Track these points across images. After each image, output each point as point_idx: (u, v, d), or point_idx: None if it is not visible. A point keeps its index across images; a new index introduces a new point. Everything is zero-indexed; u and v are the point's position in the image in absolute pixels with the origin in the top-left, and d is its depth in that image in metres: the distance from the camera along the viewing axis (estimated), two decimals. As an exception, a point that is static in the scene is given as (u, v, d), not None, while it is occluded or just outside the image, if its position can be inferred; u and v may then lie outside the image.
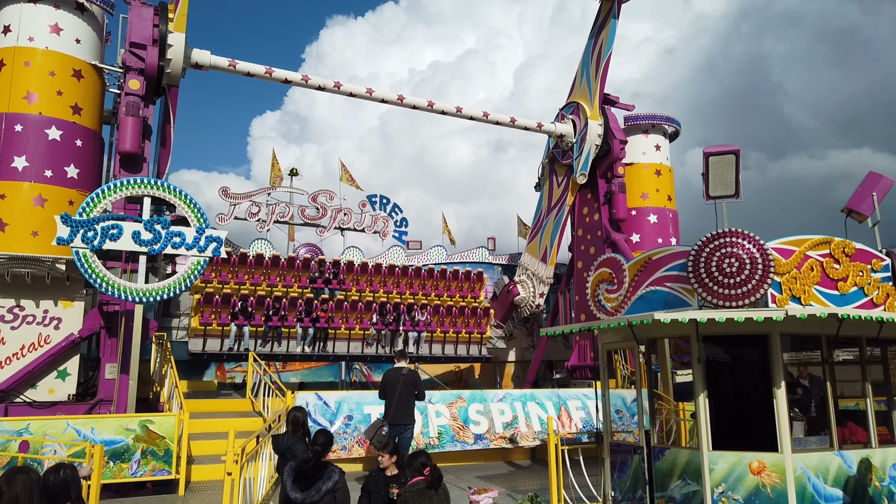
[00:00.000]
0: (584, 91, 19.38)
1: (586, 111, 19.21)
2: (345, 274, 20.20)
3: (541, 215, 21.45)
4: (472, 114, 18.73)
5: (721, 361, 9.62)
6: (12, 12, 14.37)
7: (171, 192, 11.92)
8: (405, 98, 17.63)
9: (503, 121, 19.03)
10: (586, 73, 19.19)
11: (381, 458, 6.60)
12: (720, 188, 8.56)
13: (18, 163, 13.58)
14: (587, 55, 18.79)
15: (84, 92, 14.76)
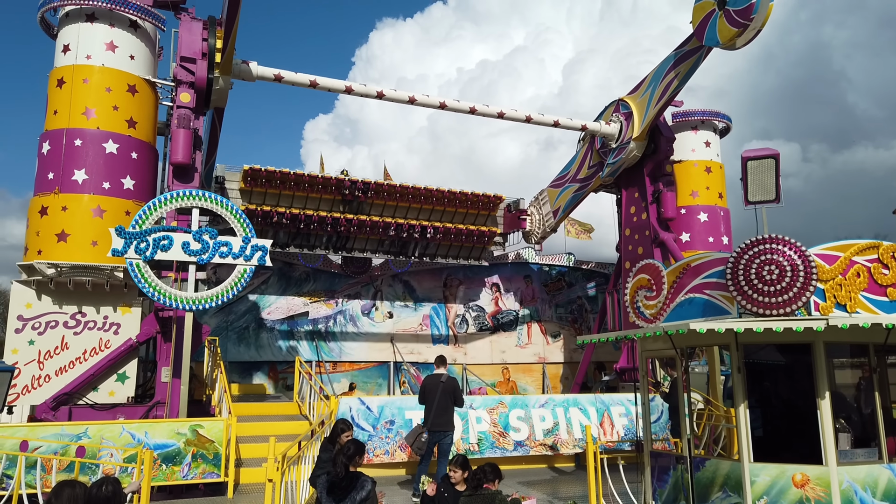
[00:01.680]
0: (642, 103, 18.48)
1: (634, 126, 18.54)
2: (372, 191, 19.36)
3: (568, 175, 21.15)
4: (515, 117, 18.65)
5: (763, 370, 9.37)
6: (70, 32, 15.12)
7: (218, 204, 12.35)
8: (447, 103, 17.68)
9: (546, 122, 18.88)
10: (652, 89, 18.00)
11: (453, 472, 6.78)
12: (760, 193, 8.34)
13: (78, 176, 14.29)
14: (661, 72, 17.43)
15: (138, 106, 15.41)
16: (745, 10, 14.38)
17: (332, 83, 17.09)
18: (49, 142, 14.55)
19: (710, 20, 15.37)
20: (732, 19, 14.71)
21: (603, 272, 24.63)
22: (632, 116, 18.56)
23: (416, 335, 21.85)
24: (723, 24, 14.99)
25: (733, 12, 14.67)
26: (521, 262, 23.88)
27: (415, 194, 19.46)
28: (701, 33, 15.72)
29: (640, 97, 18.60)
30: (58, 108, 14.70)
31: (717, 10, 15.10)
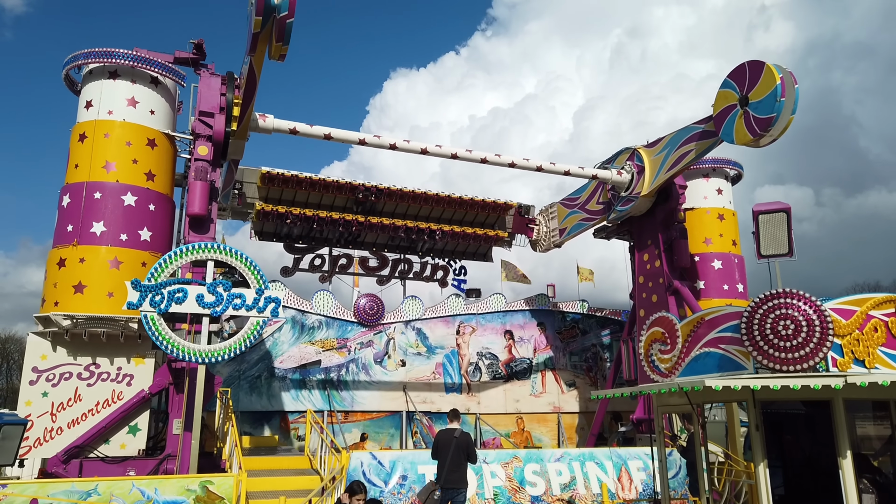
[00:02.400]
0: (655, 162, 18.34)
1: (644, 182, 18.57)
2: (385, 195, 20.38)
3: (578, 200, 21.21)
4: (526, 166, 18.83)
5: (783, 421, 9.19)
6: (94, 89, 15.59)
7: (233, 256, 12.48)
8: (458, 153, 17.90)
9: (557, 171, 19.02)
10: (668, 152, 17.72)
11: None
12: (772, 247, 8.31)
13: (97, 228, 14.54)
14: (679, 138, 17.27)
15: (157, 159, 15.76)
16: (765, 121, 13.78)
17: (346, 135, 17.39)
18: (69, 195, 14.86)
19: (730, 115, 14.74)
20: (750, 124, 14.12)
21: (617, 319, 24.44)
22: (643, 172, 18.52)
23: (429, 384, 21.66)
24: (740, 126, 14.42)
25: (753, 117, 14.08)
26: (535, 309, 23.77)
27: (426, 199, 20.30)
28: (719, 123, 15.12)
29: (654, 154, 18.49)
30: (79, 162, 15.05)
31: (738, 107, 14.44)
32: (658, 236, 19.38)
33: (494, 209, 21.39)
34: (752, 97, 14.03)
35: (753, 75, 13.97)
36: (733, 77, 14.51)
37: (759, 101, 13.82)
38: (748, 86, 14.10)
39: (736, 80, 14.42)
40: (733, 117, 14.67)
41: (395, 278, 22.54)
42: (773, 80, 13.47)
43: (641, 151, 18.72)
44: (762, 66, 13.77)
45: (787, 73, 13.65)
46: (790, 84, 13.57)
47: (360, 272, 22.15)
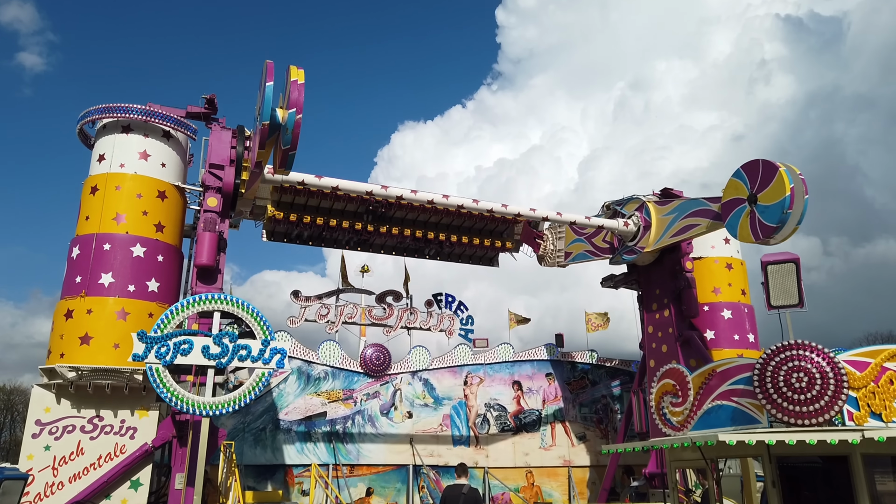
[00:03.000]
0: (663, 222, 18.09)
1: (649, 239, 18.58)
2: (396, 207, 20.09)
3: (587, 231, 20.95)
4: (533, 216, 18.93)
5: (801, 476, 8.91)
6: (107, 142, 15.89)
7: (239, 307, 12.48)
8: (465, 204, 18.01)
9: (564, 221, 19.08)
10: (675, 217, 17.79)
11: None
12: (782, 297, 8.24)
13: (105, 279, 14.59)
14: (689, 207, 17.27)
15: (167, 210, 15.92)
16: (769, 228, 13.38)
17: (354, 186, 17.56)
18: (79, 246, 14.98)
19: (738, 209, 14.32)
20: (755, 227, 13.76)
21: (627, 370, 24.10)
22: (650, 228, 18.43)
23: (436, 436, 21.29)
24: (745, 224, 14.06)
25: (759, 221, 13.69)
26: (543, 360, 23.51)
27: (435, 211, 20.28)
28: (726, 212, 14.75)
29: (663, 214, 18.34)
30: (90, 214, 15.22)
31: (746, 204, 14.04)
32: (666, 286, 19.29)
33: (504, 221, 21.39)
34: (760, 199, 13.64)
35: (766, 176, 13.55)
36: (746, 170, 14.12)
37: (766, 205, 13.42)
38: (759, 185, 13.68)
39: (748, 175, 14.01)
40: (740, 212, 14.30)
41: (402, 328, 22.43)
42: (783, 190, 13.12)
43: (651, 207, 18.63)
44: (775, 171, 13.40)
45: (798, 180, 13.31)
46: (800, 194, 13.20)
47: (367, 322, 22.06)
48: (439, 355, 22.51)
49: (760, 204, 13.61)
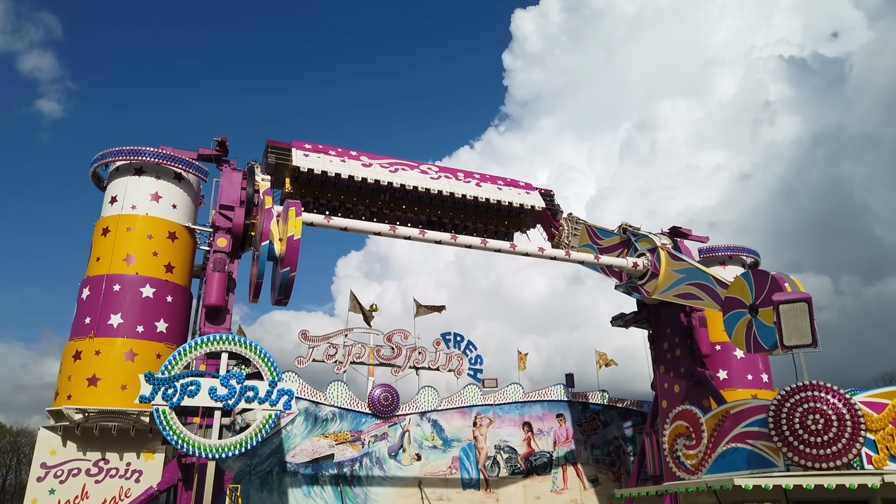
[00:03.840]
0: (670, 277, 17.41)
1: (656, 287, 18.39)
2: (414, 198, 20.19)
3: (602, 241, 20.80)
4: (554, 255, 18.97)
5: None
6: (119, 185, 16.09)
7: (247, 348, 12.44)
8: (488, 242, 18.07)
9: (574, 261, 19.13)
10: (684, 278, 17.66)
11: None
12: (795, 337, 8.12)
13: (114, 320, 14.61)
14: (698, 275, 17.16)
15: (177, 251, 16.01)
16: (759, 346, 12.67)
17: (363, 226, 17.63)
18: (89, 287, 15.05)
19: (737, 311, 14.09)
20: (748, 339, 13.24)
21: (639, 411, 23.75)
22: (657, 277, 18.37)
23: (445, 479, 20.92)
24: (740, 332, 13.75)
25: (753, 335, 13.08)
26: (554, 400, 23.20)
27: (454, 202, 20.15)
28: (727, 308, 14.57)
29: (672, 269, 18.19)
30: (100, 255, 15.33)
31: (747, 312, 13.63)
32: (676, 325, 19.13)
33: (522, 211, 21.36)
34: (761, 314, 13.03)
35: (771, 294, 12.71)
36: (756, 276, 13.70)
37: (764, 324, 12.66)
38: (763, 298, 13.01)
39: (756, 283, 13.54)
40: (739, 316, 14.00)
41: (410, 367, 22.26)
42: None
43: (663, 256, 18.46)
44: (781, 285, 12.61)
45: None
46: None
47: (375, 361, 21.92)
48: (448, 395, 22.28)
49: (759, 319, 12.97)
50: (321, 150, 19.11)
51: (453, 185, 19.72)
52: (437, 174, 20.44)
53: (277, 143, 18.84)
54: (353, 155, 19.72)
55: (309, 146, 19.10)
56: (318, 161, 18.49)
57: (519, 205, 20.78)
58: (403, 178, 19.33)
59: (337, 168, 18.46)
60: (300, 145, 18.94)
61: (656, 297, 18.34)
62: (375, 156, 20.17)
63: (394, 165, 20.09)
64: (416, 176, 19.50)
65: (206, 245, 17.13)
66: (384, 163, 19.98)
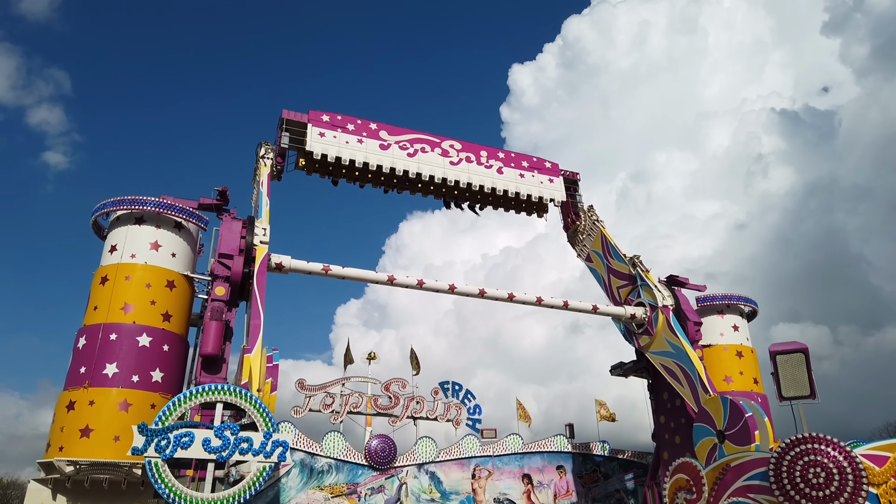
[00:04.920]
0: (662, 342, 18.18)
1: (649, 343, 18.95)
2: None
3: (611, 263, 21.03)
4: (553, 303, 19.06)
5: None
6: (119, 234, 16.19)
7: (241, 398, 12.31)
8: (486, 291, 18.16)
9: (584, 309, 19.23)
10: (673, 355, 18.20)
11: None
12: (793, 389, 8.08)
13: (109, 369, 14.50)
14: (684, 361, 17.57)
15: (175, 300, 16.00)
16: None
17: (364, 274, 17.67)
18: (86, 336, 14.98)
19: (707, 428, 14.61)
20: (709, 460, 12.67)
21: (641, 462, 23.32)
22: (651, 335, 18.71)
23: (444, 534, 20.40)
24: (703, 450, 14.21)
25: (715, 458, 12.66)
26: (554, 451, 22.82)
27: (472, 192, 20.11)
28: (699, 418, 15.23)
29: (666, 337, 18.42)
30: (98, 304, 15.31)
31: (715, 437, 14.01)
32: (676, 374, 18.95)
33: (541, 205, 21.46)
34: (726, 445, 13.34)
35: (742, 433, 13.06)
36: (732, 408, 13.93)
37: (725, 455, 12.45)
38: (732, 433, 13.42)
39: (731, 414, 13.83)
40: (706, 432, 14.53)
41: (408, 417, 21.96)
42: None
43: (661, 321, 18.70)
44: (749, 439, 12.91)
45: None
46: None
47: (372, 411, 21.64)
48: (447, 446, 21.92)
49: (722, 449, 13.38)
50: (339, 125, 18.80)
51: (472, 173, 19.51)
52: (458, 156, 20.04)
53: (294, 116, 18.52)
54: (372, 130, 19.29)
55: (327, 118, 18.86)
56: (332, 143, 18.28)
57: (538, 197, 20.73)
58: (421, 164, 19.05)
59: (351, 153, 18.31)
60: (317, 117, 18.69)
61: (646, 353, 18.52)
62: (396, 130, 19.70)
63: (414, 143, 19.70)
64: (435, 161, 19.22)
65: (205, 293, 17.16)
66: (404, 141, 19.60)
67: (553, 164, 21.90)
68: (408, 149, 19.42)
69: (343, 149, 18.36)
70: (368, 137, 19.02)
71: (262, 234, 16.43)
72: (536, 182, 20.59)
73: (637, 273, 19.62)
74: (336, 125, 18.84)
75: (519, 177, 20.65)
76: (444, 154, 19.91)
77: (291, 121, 18.67)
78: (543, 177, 21.06)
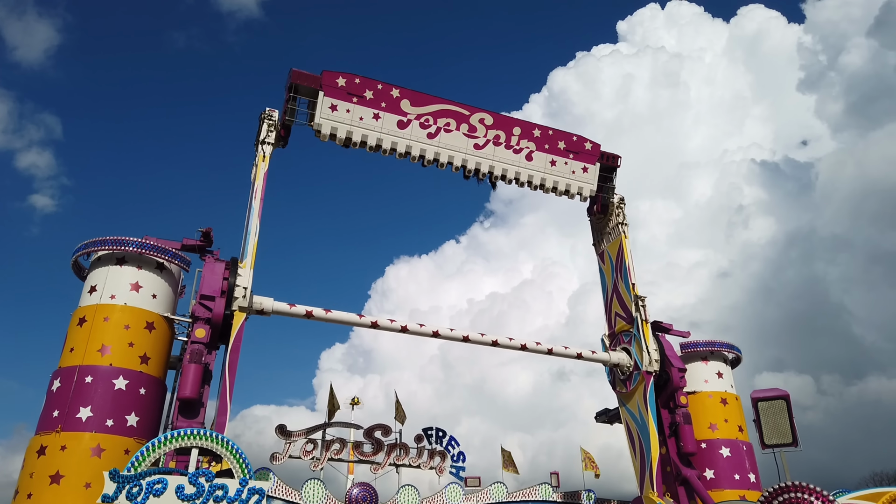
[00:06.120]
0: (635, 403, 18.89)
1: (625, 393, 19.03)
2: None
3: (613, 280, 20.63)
4: (536, 349, 18.95)
5: None
6: (100, 274, 16.02)
7: (219, 443, 12.05)
8: (470, 336, 18.05)
9: (569, 355, 19.13)
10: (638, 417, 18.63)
11: None
12: (775, 436, 8.03)
13: (83, 413, 14.15)
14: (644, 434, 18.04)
15: (154, 342, 15.76)
16: None
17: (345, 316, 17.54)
18: (60, 379, 14.67)
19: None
20: None
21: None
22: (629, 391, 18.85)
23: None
24: None
25: None
26: (539, 500, 22.34)
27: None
28: None
29: (639, 401, 18.68)
30: (74, 346, 15.04)
31: None
32: (662, 421, 18.82)
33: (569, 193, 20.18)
34: None
35: None
36: None
37: None
38: None
39: None
40: None
41: (391, 465, 21.50)
42: None
43: (640, 382, 18.94)
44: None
45: None
46: None
47: (354, 458, 21.17)
48: (430, 495, 21.41)
49: None
50: (356, 91, 16.93)
51: (496, 160, 17.92)
52: (485, 136, 18.11)
53: (304, 77, 16.59)
54: (392, 99, 17.22)
55: (342, 81, 16.90)
56: (344, 119, 16.61)
57: (565, 189, 19.22)
58: (440, 147, 17.47)
59: (363, 133, 16.70)
60: (332, 81, 16.74)
61: (620, 404, 18.55)
62: (421, 99, 17.57)
63: (438, 118, 17.73)
64: (458, 142, 17.55)
65: (185, 336, 16.90)
66: (427, 115, 17.68)
67: (595, 145, 19.93)
68: (429, 126, 17.62)
69: (355, 127, 16.73)
70: (387, 111, 17.23)
71: (242, 295, 15.91)
72: (568, 171, 19.03)
73: (637, 318, 19.44)
74: (352, 92, 16.90)
75: (549, 164, 18.99)
76: (471, 132, 18.06)
77: (302, 84, 16.79)
78: (577, 164, 19.33)
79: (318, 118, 16.72)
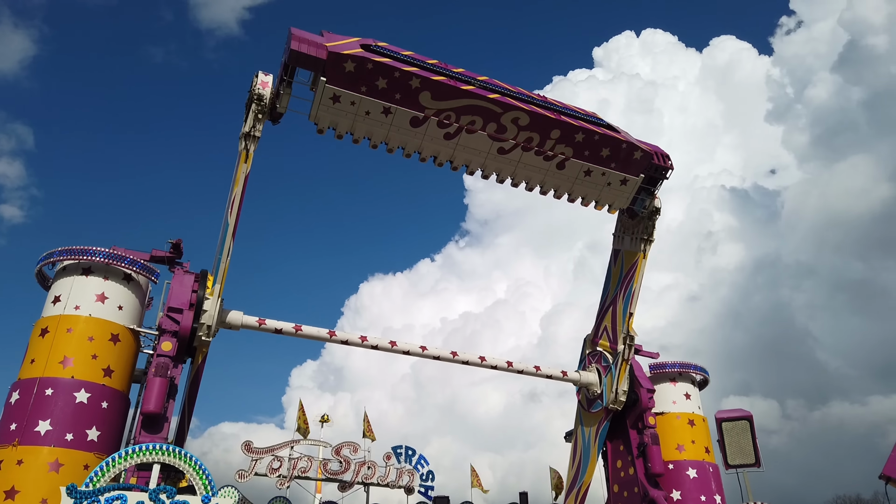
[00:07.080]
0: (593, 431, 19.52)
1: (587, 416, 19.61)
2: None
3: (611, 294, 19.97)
4: (496, 363, 18.95)
5: None
6: (64, 284, 15.68)
7: (182, 459, 11.82)
8: (427, 349, 17.99)
9: (542, 375, 19.20)
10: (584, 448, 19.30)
11: None
12: (738, 457, 8.16)
13: (42, 427, 13.76)
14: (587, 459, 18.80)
15: (118, 355, 15.43)
16: None
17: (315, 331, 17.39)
18: (20, 391, 14.27)
19: None
20: None
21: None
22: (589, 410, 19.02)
23: None
24: None
25: None
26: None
27: None
28: None
29: (590, 429, 19.20)
30: (35, 357, 14.67)
31: None
32: (630, 441, 18.92)
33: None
34: None
35: None
36: None
37: None
38: None
39: None
40: None
41: (359, 483, 21.23)
42: None
43: (600, 413, 19.58)
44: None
45: None
46: None
47: (322, 476, 20.88)
48: (397, 516, 21.20)
49: None
50: (366, 79, 13.90)
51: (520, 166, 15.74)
52: (516, 139, 15.33)
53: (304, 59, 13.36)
54: (411, 90, 14.25)
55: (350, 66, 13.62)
56: (348, 112, 14.08)
57: (592, 202, 17.12)
58: (456, 150, 15.05)
59: (368, 130, 14.39)
60: (337, 64, 13.43)
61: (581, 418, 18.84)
62: (445, 92, 14.41)
63: (463, 115, 14.69)
64: (479, 144, 15.08)
65: (150, 349, 16.60)
66: (450, 111, 14.61)
67: (646, 153, 16.99)
68: (449, 125, 14.80)
69: (358, 122, 14.26)
70: (401, 104, 14.39)
71: (206, 331, 15.58)
72: (602, 182, 16.58)
73: (620, 353, 19.11)
74: (362, 79, 13.89)
75: (583, 174, 16.45)
76: (499, 132, 15.21)
77: (304, 55, 13.53)
78: (616, 175, 16.87)
79: (314, 112, 14.23)
